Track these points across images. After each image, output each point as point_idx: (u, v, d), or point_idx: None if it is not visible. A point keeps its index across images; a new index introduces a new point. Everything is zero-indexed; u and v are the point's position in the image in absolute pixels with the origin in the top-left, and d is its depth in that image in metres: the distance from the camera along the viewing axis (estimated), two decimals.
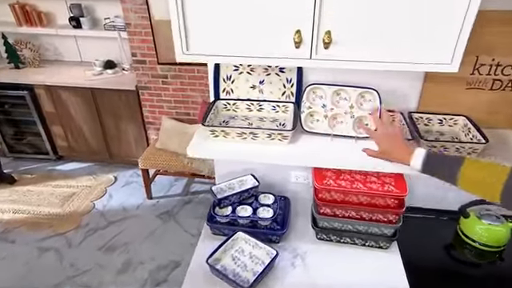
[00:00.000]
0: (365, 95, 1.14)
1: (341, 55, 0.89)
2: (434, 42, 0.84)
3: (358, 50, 0.88)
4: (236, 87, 1.27)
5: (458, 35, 0.82)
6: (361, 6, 0.82)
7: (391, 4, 0.81)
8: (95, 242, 2.30)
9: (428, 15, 0.81)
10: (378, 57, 0.88)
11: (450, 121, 1.17)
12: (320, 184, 1.15)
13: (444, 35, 0.83)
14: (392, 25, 0.83)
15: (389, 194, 1.11)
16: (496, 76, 1.12)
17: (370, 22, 0.84)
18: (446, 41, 0.83)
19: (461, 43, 0.82)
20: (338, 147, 1.12)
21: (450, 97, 1.17)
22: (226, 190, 1.34)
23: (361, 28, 0.85)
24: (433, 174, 0.93)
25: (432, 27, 0.82)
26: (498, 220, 1.23)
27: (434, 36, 0.83)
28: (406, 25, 0.83)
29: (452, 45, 0.83)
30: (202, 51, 0.94)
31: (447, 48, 0.84)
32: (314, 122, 1.18)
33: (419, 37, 0.84)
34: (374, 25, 0.84)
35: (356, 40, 0.86)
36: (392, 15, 0.82)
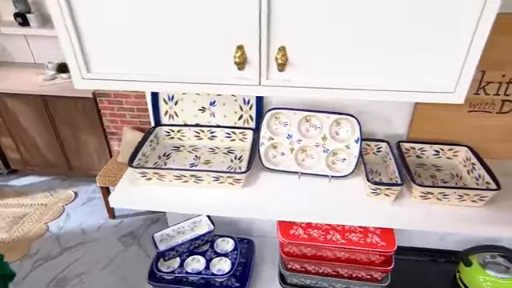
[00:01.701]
0: (341, 122, 0.88)
1: (301, 80, 0.63)
2: (431, 63, 0.58)
3: (324, 73, 0.62)
4: (181, 110, 1.00)
5: (466, 52, 0.57)
6: (327, 12, 0.56)
7: (369, 11, 0.56)
8: (44, 275, 2.01)
9: (422, 25, 0.56)
10: (351, 83, 0.62)
11: (448, 152, 0.93)
12: (285, 236, 0.89)
13: (444, 53, 0.57)
14: (371, 39, 0.58)
15: (372, 250, 0.87)
16: (506, 96, 0.87)
17: (340, 34, 0.58)
18: (448, 62, 0.58)
19: (469, 64, 0.57)
20: (308, 189, 0.87)
21: (447, 121, 0.92)
22: (175, 235, 1.08)
23: (328, 43, 0.59)
24: None
25: (427, 41, 0.57)
26: (507, 271, 1.00)
27: (430, 54, 0.58)
28: (389, 39, 0.57)
29: (456, 67, 0.58)
30: (109, 74, 0.66)
31: (449, 72, 0.58)
32: (277, 157, 0.92)
33: (409, 56, 0.58)
34: (347, 38, 0.58)
35: (322, 60, 0.60)
36: (371, 26, 0.57)
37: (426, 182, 0.86)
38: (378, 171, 0.91)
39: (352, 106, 0.94)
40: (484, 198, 0.78)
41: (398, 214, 0.80)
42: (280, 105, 0.92)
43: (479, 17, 0.54)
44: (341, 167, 0.89)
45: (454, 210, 0.80)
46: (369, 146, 0.94)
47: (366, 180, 0.80)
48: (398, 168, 0.83)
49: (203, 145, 1.00)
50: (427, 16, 0.55)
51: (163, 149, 0.99)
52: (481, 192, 0.77)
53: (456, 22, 0.55)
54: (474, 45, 0.56)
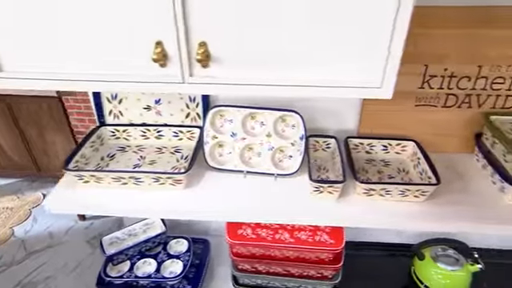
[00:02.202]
0: (286, 119, 0.86)
1: (227, 77, 0.60)
2: (355, 57, 0.57)
3: (251, 68, 0.60)
4: (126, 109, 0.96)
5: (387, 47, 0.55)
6: (248, 5, 0.54)
7: (292, 8, 0.53)
8: (8, 280, 1.95)
9: (345, 17, 0.54)
10: (281, 78, 0.60)
11: (396, 147, 0.92)
12: (233, 237, 0.87)
13: (367, 46, 0.56)
14: (294, 35, 0.56)
15: (319, 249, 0.86)
16: (450, 90, 0.87)
17: (263, 30, 0.56)
18: (371, 55, 0.56)
19: (392, 59, 0.56)
20: (254, 188, 0.85)
21: (395, 116, 0.92)
22: (126, 238, 1.05)
23: (253, 37, 0.57)
24: None
25: (351, 34, 0.55)
26: (457, 263, 1.01)
27: (355, 48, 0.56)
28: (315, 33, 0.55)
29: (380, 61, 0.57)
30: (23, 73, 0.62)
31: (373, 66, 0.57)
32: (223, 155, 0.90)
33: (335, 49, 0.56)
34: (270, 34, 0.56)
35: (248, 55, 0.58)
36: (294, 22, 0.55)
37: (372, 178, 0.86)
38: (327, 168, 0.89)
39: (302, 101, 0.92)
40: (425, 192, 0.77)
41: (342, 211, 0.79)
42: (228, 101, 0.89)
43: (395, 14, 0.52)
44: (288, 165, 0.87)
45: (397, 205, 0.79)
46: (317, 143, 0.93)
47: (308, 178, 0.79)
48: (343, 165, 0.82)
49: (150, 144, 0.97)
50: (347, 11, 0.53)
51: (108, 150, 0.95)
52: (421, 187, 0.76)
53: (375, 17, 0.53)
54: (394, 40, 0.54)
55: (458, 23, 0.78)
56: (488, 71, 0.83)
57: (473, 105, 0.88)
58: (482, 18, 0.78)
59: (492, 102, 0.88)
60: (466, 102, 0.88)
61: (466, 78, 0.85)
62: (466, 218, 0.76)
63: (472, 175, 0.87)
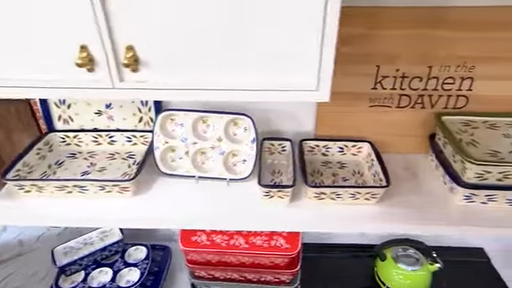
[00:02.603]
0: (238, 122, 0.85)
1: (158, 81, 0.58)
2: (288, 60, 0.55)
3: (183, 73, 0.57)
4: (76, 114, 0.93)
5: (319, 49, 0.54)
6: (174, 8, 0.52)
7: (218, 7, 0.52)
8: None
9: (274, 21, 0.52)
10: (214, 83, 0.58)
11: (352, 148, 0.91)
12: (186, 244, 0.85)
13: (298, 49, 0.54)
14: (227, 37, 0.54)
15: (274, 254, 0.84)
16: (402, 90, 0.87)
17: (193, 31, 0.54)
18: (304, 58, 0.55)
19: (326, 61, 0.55)
20: (207, 194, 0.83)
21: (351, 117, 0.91)
22: (81, 247, 1.02)
23: (182, 41, 0.54)
24: None
25: (281, 38, 0.53)
26: (417, 263, 1.01)
27: (286, 51, 0.54)
28: (245, 37, 0.54)
29: (313, 63, 0.55)
30: None
31: (307, 69, 0.56)
32: (176, 160, 0.88)
33: (267, 53, 0.55)
34: (201, 37, 0.54)
35: (178, 59, 0.56)
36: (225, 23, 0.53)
37: (326, 181, 0.85)
38: (281, 171, 0.88)
39: (258, 104, 0.91)
40: (375, 195, 0.76)
41: (293, 216, 0.77)
42: (180, 105, 0.87)
43: (324, 15, 0.51)
44: (241, 169, 0.85)
45: (349, 208, 0.78)
46: (273, 146, 0.91)
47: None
48: (294, 168, 0.80)
49: (102, 150, 0.94)
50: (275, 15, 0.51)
51: (57, 157, 0.91)
52: (371, 190, 0.75)
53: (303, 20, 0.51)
54: (325, 42, 0.53)
55: (406, 23, 0.78)
56: (438, 71, 0.83)
57: (426, 105, 0.88)
58: (430, 18, 0.77)
59: (444, 102, 0.88)
60: (419, 103, 0.88)
61: (418, 78, 0.85)
62: (417, 220, 0.75)
63: (426, 176, 0.87)
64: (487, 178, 0.73)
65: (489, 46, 0.80)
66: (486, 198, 0.76)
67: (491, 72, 0.82)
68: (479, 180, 0.73)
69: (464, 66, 0.82)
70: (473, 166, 0.71)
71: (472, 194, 0.76)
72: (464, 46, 0.80)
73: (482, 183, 0.73)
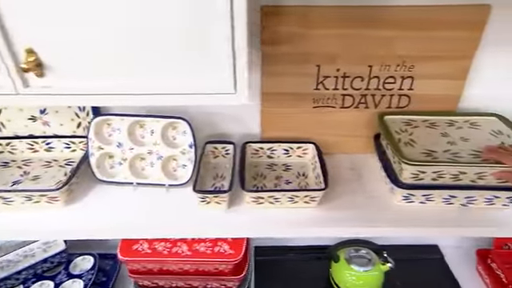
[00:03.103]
0: (177, 126, 0.82)
1: (66, 87, 0.54)
2: (202, 63, 0.53)
3: (89, 78, 0.54)
4: (8, 120, 0.88)
5: (231, 51, 0.52)
6: (73, 12, 0.49)
7: (121, 10, 0.49)
8: None
9: (184, 22, 0.50)
10: (128, 87, 0.55)
11: (297, 150, 0.90)
12: (125, 254, 0.82)
13: (211, 51, 0.52)
14: (139, 39, 0.51)
15: (217, 261, 0.82)
16: (345, 90, 0.86)
17: (99, 35, 0.50)
18: (216, 60, 0.52)
19: (240, 62, 0.53)
20: (145, 201, 0.80)
21: (295, 119, 0.89)
22: (20, 260, 0.96)
23: (91, 43, 0.51)
24: None
25: (194, 40, 0.51)
26: (370, 263, 1.00)
27: (199, 54, 0.52)
28: (153, 40, 0.51)
29: (227, 66, 0.53)
30: None
31: (221, 71, 0.53)
32: (115, 167, 0.84)
33: (182, 55, 0.52)
34: (108, 40, 0.51)
35: (88, 63, 0.53)
36: (128, 26, 0.50)
37: (268, 184, 0.82)
38: (224, 176, 0.86)
39: (201, 107, 0.89)
40: (314, 198, 0.75)
41: (232, 221, 0.75)
42: (120, 109, 0.83)
43: (231, 17, 0.48)
44: (181, 174, 0.83)
45: (289, 212, 0.76)
46: (216, 149, 0.89)
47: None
48: (233, 172, 0.78)
49: (39, 158, 0.89)
50: (185, 15, 0.49)
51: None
52: (309, 193, 0.74)
53: (211, 21, 0.49)
54: (236, 44, 0.51)
55: (342, 23, 0.76)
56: (378, 71, 0.82)
57: (369, 105, 0.87)
58: (365, 17, 0.76)
59: (387, 102, 0.87)
60: (363, 103, 0.87)
61: (359, 78, 0.83)
62: (357, 222, 0.74)
63: (371, 177, 0.86)
64: (423, 178, 0.72)
65: (427, 45, 0.79)
66: (424, 197, 0.75)
67: (430, 71, 0.82)
68: (415, 180, 0.72)
69: (404, 66, 0.82)
70: (408, 166, 0.70)
71: (410, 195, 0.75)
72: (402, 45, 0.79)
73: (418, 183, 0.73)
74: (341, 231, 0.74)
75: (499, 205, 0.75)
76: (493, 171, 0.69)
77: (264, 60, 0.81)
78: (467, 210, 0.76)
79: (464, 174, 0.70)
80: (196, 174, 0.78)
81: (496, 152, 0.70)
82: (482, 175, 0.70)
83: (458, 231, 0.75)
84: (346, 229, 0.74)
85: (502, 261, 0.98)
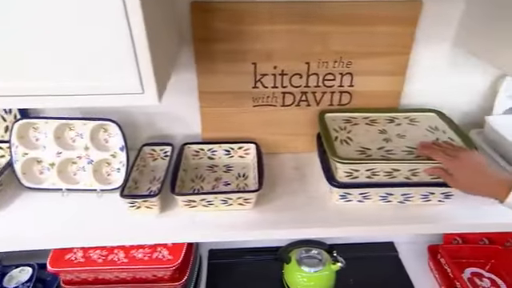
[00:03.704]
0: (108, 128, 0.78)
1: None
2: (106, 63, 0.49)
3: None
4: None
5: (131, 49, 0.48)
6: None
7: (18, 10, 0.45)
8: None
9: (82, 23, 0.47)
10: (33, 89, 0.51)
11: (239, 150, 0.87)
12: (55, 264, 0.78)
13: (112, 51, 0.49)
14: (37, 38, 0.47)
15: (154, 267, 0.79)
16: (285, 88, 0.84)
17: (19, 32, 0.47)
18: (119, 59, 0.49)
19: (143, 61, 0.49)
20: (75, 208, 0.76)
21: (236, 118, 0.87)
22: None
23: None
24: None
25: (93, 40, 0.48)
26: (320, 263, 0.99)
27: (102, 54, 0.49)
28: (50, 40, 0.47)
29: (130, 65, 0.50)
30: None
31: (125, 70, 0.50)
32: (44, 172, 0.80)
33: (84, 56, 0.49)
34: (8, 37, 0.47)
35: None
36: (25, 25, 0.46)
37: (206, 187, 0.80)
38: (161, 179, 0.82)
39: (141, 108, 0.86)
40: (249, 200, 0.72)
41: (164, 226, 0.72)
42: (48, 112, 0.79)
43: (125, 16, 0.45)
44: (116, 178, 0.79)
45: (224, 215, 0.74)
46: (155, 151, 0.86)
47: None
48: (166, 175, 0.75)
49: None
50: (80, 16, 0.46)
51: None
52: (242, 194, 0.72)
53: (107, 20, 0.46)
54: (136, 43, 0.47)
55: (277, 19, 0.74)
56: (317, 68, 0.81)
57: (311, 103, 0.86)
58: (301, 13, 0.74)
59: (329, 99, 0.85)
60: (304, 100, 0.85)
61: (298, 75, 0.82)
62: (295, 223, 0.72)
63: (314, 176, 0.84)
64: (357, 177, 0.71)
65: (362, 40, 0.78)
66: (361, 196, 0.74)
67: (368, 67, 0.81)
68: (350, 178, 0.71)
69: (341, 62, 0.80)
70: (341, 164, 0.69)
71: (346, 194, 0.74)
72: (338, 41, 0.78)
73: (352, 182, 0.71)
74: (275, 234, 0.72)
75: (435, 201, 0.74)
76: (425, 168, 0.69)
77: (198, 58, 0.79)
78: (404, 208, 0.75)
79: (397, 171, 0.69)
80: (128, 177, 0.75)
81: (429, 148, 0.70)
82: (416, 172, 0.70)
83: (395, 229, 0.74)
84: (281, 231, 0.72)
85: (450, 256, 0.99)
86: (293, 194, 0.80)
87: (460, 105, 0.91)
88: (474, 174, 0.64)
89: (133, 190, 0.76)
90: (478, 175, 0.63)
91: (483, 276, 0.98)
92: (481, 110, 0.91)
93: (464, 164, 0.64)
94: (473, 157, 0.66)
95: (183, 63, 0.81)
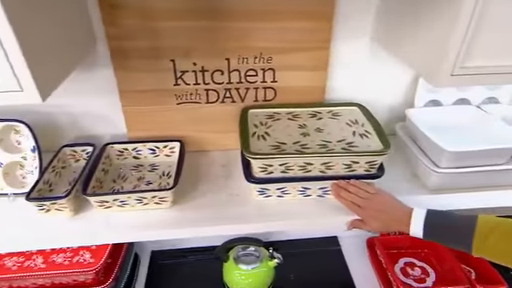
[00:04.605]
0: (19, 129, 0.75)
1: None
2: None
3: None
4: None
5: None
6: None
7: None
8: None
9: None
10: None
11: (164, 149, 0.86)
12: None
13: None
14: None
15: (73, 272, 0.76)
16: (207, 85, 0.83)
17: None
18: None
19: (15, 58, 0.48)
20: None
21: (161, 116, 0.85)
22: None
23: None
24: (439, 241, 0.64)
25: None
26: (257, 260, 0.98)
27: None
28: None
29: (3, 62, 0.48)
30: None
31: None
32: None
33: None
34: None
35: None
36: None
37: (127, 187, 0.78)
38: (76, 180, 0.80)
39: (63, 107, 0.83)
40: (164, 198, 0.71)
41: (77, 229, 0.70)
42: None
43: None
44: (30, 182, 0.76)
45: (141, 215, 0.72)
46: (76, 152, 0.83)
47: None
48: (80, 176, 0.73)
49: None
50: None
51: None
52: (156, 193, 0.70)
53: None
54: (2, 40, 0.46)
55: (192, 14, 0.73)
56: (237, 64, 0.80)
57: (236, 99, 0.85)
58: (215, 8, 0.73)
59: (253, 95, 0.85)
60: (228, 97, 0.85)
61: (219, 71, 0.81)
62: (214, 221, 0.71)
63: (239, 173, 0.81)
64: (272, 172, 0.71)
65: (281, 36, 0.78)
66: (279, 191, 0.74)
67: (289, 62, 0.81)
68: (266, 174, 0.71)
69: (262, 58, 0.80)
70: (254, 160, 0.69)
71: (264, 189, 0.74)
72: (257, 37, 0.78)
73: (267, 177, 0.71)
74: (193, 231, 0.71)
75: None
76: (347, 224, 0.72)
77: (114, 56, 0.77)
78: (323, 201, 0.75)
79: (311, 164, 0.70)
80: (40, 180, 0.72)
81: (339, 197, 0.72)
82: (330, 165, 0.70)
83: (313, 223, 0.74)
84: (199, 229, 0.71)
85: (385, 247, 1.00)
86: (216, 191, 0.79)
87: (386, 99, 0.93)
88: (382, 214, 0.67)
89: (46, 192, 0.73)
90: (386, 214, 0.67)
91: (415, 265, 1.00)
92: (406, 103, 0.93)
93: (374, 208, 0.68)
94: (381, 199, 0.69)
95: (100, 62, 0.79)
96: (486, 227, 0.58)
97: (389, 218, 0.66)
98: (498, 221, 0.59)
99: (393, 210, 0.67)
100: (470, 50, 0.55)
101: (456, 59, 0.55)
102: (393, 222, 0.66)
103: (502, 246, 0.56)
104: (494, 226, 0.58)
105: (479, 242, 0.57)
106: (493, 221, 0.59)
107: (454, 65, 0.56)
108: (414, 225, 0.63)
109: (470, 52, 0.55)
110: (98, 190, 0.74)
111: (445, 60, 0.55)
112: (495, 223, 0.58)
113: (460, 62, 0.56)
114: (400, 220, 0.65)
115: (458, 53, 0.54)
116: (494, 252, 0.57)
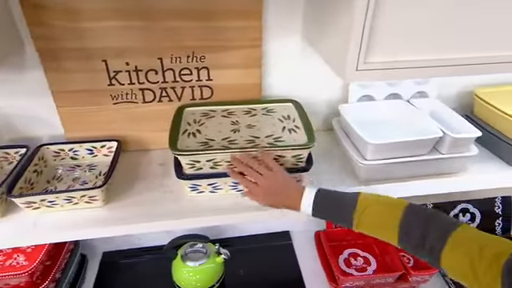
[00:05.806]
0: None
1: None
2: None
3: None
4: None
5: None
6: None
7: None
8: None
9: None
10: None
11: (102, 149, 0.86)
12: None
13: None
14: None
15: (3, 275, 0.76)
16: (142, 84, 0.83)
17: None
18: None
19: None
20: None
21: (98, 117, 0.85)
22: None
23: None
24: (327, 218, 0.70)
25: None
26: (205, 256, 1.00)
27: None
28: None
29: None
30: None
31: None
32: None
33: None
34: None
35: None
36: None
37: (61, 187, 0.78)
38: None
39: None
40: (94, 197, 0.72)
41: (4, 231, 0.69)
42: None
43: None
44: None
45: (70, 215, 0.72)
46: (9, 155, 0.82)
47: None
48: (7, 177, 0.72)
49: None
50: None
51: None
52: (86, 192, 0.71)
53: None
54: None
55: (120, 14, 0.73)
56: (170, 63, 0.81)
57: (172, 98, 0.86)
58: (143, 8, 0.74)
59: (190, 94, 0.86)
60: (165, 96, 0.86)
61: (153, 71, 0.82)
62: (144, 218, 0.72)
63: None
64: (201, 168, 0.72)
65: (211, 35, 0.79)
66: (210, 187, 0.76)
67: (222, 61, 0.83)
68: (194, 170, 0.72)
69: (194, 57, 0.82)
70: (181, 157, 0.70)
71: (195, 185, 0.75)
72: (187, 36, 0.79)
73: (196, 173, 0.73)
74: (123, 229, 0.72)
75: None
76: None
77: (42, 57, 0.76)
78: None
79: None
80: None
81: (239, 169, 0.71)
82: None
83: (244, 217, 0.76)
84: (129, 226, 0.72)
85: (329, 239, 1.03)
86: (152, 189, 0.80)
87: (323, 95, 0.95)
88: (277, 191, 0.68)
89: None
90: (280, 192, 0.68)
91: (359, 255, 1.04)
92: (343, 98, 0.96)
93: (269, 185, 0.68)
94: (277, 177, 0.69)
95: (29, 63, 0.78)
96: (364, 204, 0.62)
97: (283, 195, 0.68)
98: (375, 197, 0.63)
99: (287, 187, 0.68)
100: (370, 45, 0.58)
101: (359, 54, 0.58)
102: (286, 198, 0.68)
103: (372, 219, 0.60)
104: (371, 202, 0.62)
105: (357, 218, 0.61)
106: (371, 198, 0.63)
107: (357, 60, 0.58)
108: (304, 203, 0.65)
109: (372, 47, 0.58)
110: (26, 191, 0.73)
111: (348, 55, 0.58)
112: (372, 200, 0.63)
113: (363, 57, 0.58)
114: (293, 197, 0.67)
115: (360, 48, 0.57)
116: (366, 225, 0.61)
